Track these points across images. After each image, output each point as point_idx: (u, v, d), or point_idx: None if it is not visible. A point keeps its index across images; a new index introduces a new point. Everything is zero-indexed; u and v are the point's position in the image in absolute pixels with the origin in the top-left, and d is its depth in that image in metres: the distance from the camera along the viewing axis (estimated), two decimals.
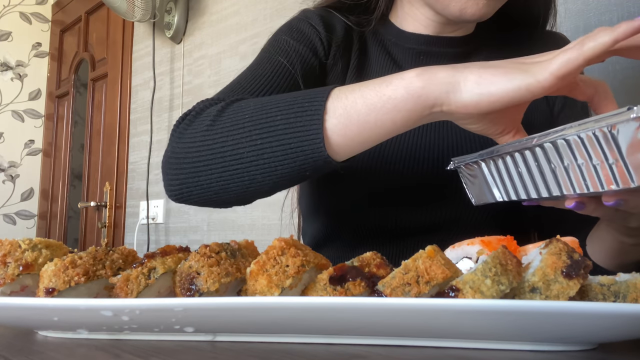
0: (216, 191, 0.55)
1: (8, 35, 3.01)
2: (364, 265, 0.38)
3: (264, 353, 0.35)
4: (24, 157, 3.02)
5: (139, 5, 2.09)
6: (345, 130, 0.48)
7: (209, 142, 0.54)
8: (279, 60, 0.70)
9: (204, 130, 0.55)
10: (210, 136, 0.54)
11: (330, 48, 0.75)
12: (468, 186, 0.52)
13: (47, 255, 0.42)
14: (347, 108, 0.48)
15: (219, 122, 0.55)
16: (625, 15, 1.02)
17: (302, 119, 0.49)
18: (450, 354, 0.35)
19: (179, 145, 0.57)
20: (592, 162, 0.37)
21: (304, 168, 0.50)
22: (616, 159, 0.36)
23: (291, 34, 0.74)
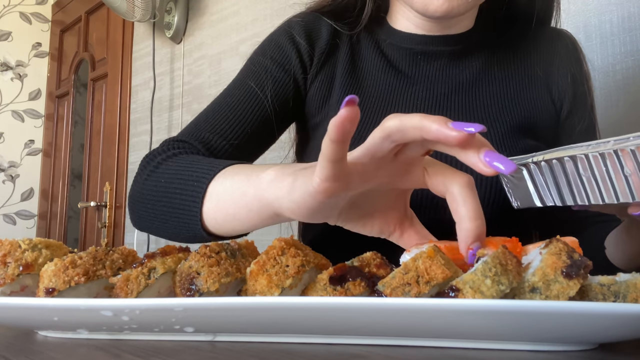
0: (156, 233, 0.64)
1: (8, 35, 3.01)
2: (364, 265, 0.38)
3: (264, 353, 0.35)
4: (24, 157, 3.02)
5: (139, 5, 2.09)
6: (215, 216, 0.53)
7: (144, 193, 0.62)
8: (249, 85, 0.73)
9: (144, 180, 0.63)
10: (144, 189, 0.62)
11: (313, 60, 0.75)
12: (511, 189, 0.50)
13: (47, 255, 0.42)
14: (218, 195, 0.52)
15: (152, 177, 0.62)
16: (625, 16, 1.02)
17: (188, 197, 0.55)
18: (450, 354, 0.35)
19: (133, 185, 0.65)
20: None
21: (194, 238, 0.57)
22: None
23: (270, 52, 0.76)
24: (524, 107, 0.74)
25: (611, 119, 1.00)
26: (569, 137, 0.76)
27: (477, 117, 0.72)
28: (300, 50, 0.75)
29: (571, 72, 0.76)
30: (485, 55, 0.77)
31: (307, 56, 0.75)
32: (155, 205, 0.60)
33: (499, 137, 0.71)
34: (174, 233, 0.59)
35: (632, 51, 1.00)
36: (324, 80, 0.74)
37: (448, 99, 0.73)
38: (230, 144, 0.71)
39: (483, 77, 0.75)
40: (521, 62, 0.77)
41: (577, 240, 0.40)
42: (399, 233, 0.47)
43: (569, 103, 0.75)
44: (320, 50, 0.75)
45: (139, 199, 0.63)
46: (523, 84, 0.75)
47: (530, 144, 0.71)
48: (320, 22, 0.77)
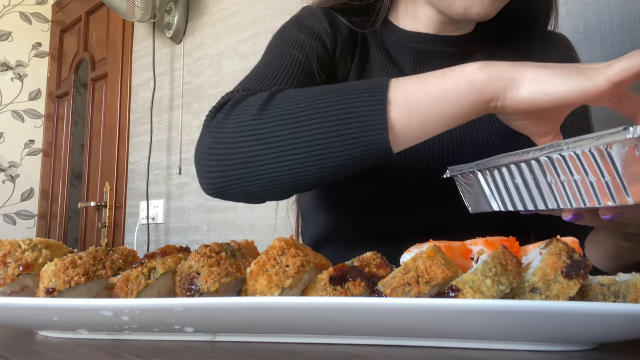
0: (263, 184, 0.52)
1: (8, 35, 3.01)
2: (364, 265, 0.38)
3: (264, 353, 0.35)
4: (24, 157, 3.02)
5: (139, 5, 2.09)
6: (408, 121, 0.48)
7: (258, 131, 0.51)
8: (294, 53, 0.69)
9: (250, 119, 0.52)
10: (260, 125, 0.51)
11: (337, 45, 0.74)
12: (465, 195, 0.52)
13: (47, 255, 0.42)
14: (409, 99, 0.48)
15: (268, 111, 0.52)
16: (625, 16, 1.02)
17: (363, 109, 0.48)
18: (450, 354, 0.35)
19: (220, 136, 0.54)
20: (588, 178, 0.38)
21: (362, 159, 0.49)
22: (612, 176, 0.36)
23: (300, 29, 0.73)
24: None
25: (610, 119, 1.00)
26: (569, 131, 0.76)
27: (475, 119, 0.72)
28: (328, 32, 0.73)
29: None
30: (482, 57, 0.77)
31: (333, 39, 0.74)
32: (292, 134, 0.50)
33: (497, 136, 0.71)
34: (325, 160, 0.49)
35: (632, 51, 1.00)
36: (343, 70, 0.74)
37: None
38: None
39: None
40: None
41: (577, 240, 0.40)
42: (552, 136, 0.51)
43: None
44: (342, 39, 0.74)
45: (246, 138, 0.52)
46: None
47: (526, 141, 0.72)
48: (336, 16, 0.76)
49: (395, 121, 0.48)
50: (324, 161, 0.49)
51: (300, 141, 0.50)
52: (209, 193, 0.56)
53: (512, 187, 0.45)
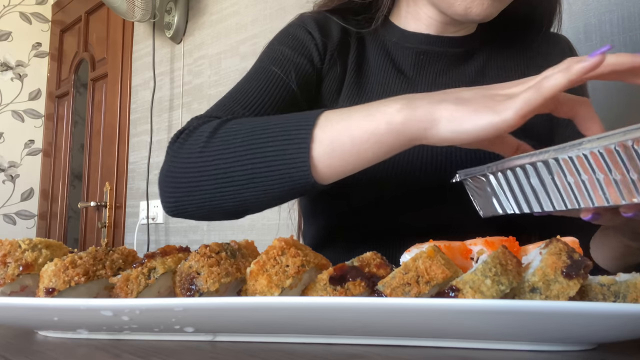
0: (210, 209, 0.58)
1: (8, 35, 3.01)
2: (364, 265, 0.38)
3: (264, 353, 0.35)
4: (24, 157, 3.02)
5: (139, 5, 2.09)
6: (330, 160, 0.51)
7: (202, 163, 0.57)
8: (273, 70, 0.71)
9: (197, 151, 0.58)
10: (204, 158, 0.57)
11: (326, 53, 0.75)
12: (475, 198, 0.52)
13: (47, 255, 0.42)
14: (332, 140, 0.51)
15: (212, 144, 0.57)
16: (625, 16, 1.02)
17: (290, 147, 0.52)
18: (450, 354, 0.35)
19: (174, 164, 0.60)
20: (611, 175, 0.37)
21: (292, 191, 0.53)
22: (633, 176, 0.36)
23: (286, 42, 0.75)
24: None
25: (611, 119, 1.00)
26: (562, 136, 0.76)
27: None
28: (316, 42, 0.74)
29: None
30: (483, 58, 0.77)
31: (322, 47, 0.75)
32: (229, 168, 0.55)
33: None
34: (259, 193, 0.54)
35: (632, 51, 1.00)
36: (335, 77, 0.74)
37: None
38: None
39: (480, 80, 0.76)
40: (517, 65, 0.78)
41: (577, 240, 0.40)
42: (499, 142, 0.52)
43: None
44: (332, 45, 0.75)
45: (193, 168, 0.57)
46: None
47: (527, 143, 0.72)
48: (330, 20, 0.77)
49: (318, 160, 0.51)
50: (259, 193, 0.54)
51: (236, 175, 0.55)
52: (169, 214, 0.62)
53: (528, 188, 0.44)
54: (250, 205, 0.56)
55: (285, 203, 0.59)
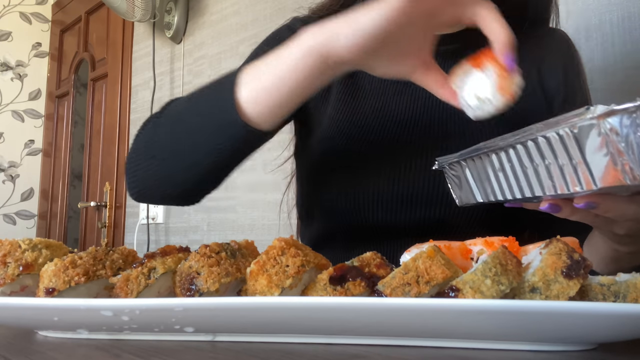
0: (165, 184, 0.60)
1: (8, 35, 3.01)
2: (364, 265, 0.38)
3: (264, 353, 0.35)
4: (24, 157, 3.02)
5: (139, 5, 2.09)
6: (255, 97, 0.52)
7: (153, 137, 0.60)
8: None
9: (149, 129, 0.62)
10: (154, 132, 0.60)
11: None
12: (452, 186, 0.52)
13: (47, 255, 0.42)
14: (254, 77, 0.52)
15: (161, 119, 0.61)
16: (625, 16, 1.02)
17: (217, 95, 0.54)
18: (450, 354, 0.35)
19: (132, 147, 0.63)
20: (558, 162, 0.37)
21: (233, 141, 0.54)
22: (579, 160, 0.35)
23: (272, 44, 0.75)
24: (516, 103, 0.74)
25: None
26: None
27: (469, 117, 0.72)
28: None
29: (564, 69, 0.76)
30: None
31: None
32: (174, 133, 0.58)
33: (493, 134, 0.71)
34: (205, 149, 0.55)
35: (632, 51, 1.00)
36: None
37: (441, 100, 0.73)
38: None
39: None
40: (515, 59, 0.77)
41: (577, 240, 0.40)
42: (424, 69, 0.52)
43: (561, 98, 0.75)
44: None
45: (146, 144, 0.61)
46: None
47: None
48: None
49: (245, 100, 0.52)
50: (205, 151, 0.55)
51: (178, 138, 0.57)
52: (133, 198, 0.65)
53: (492, 176, 0.45)
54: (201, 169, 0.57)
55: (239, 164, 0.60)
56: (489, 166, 0.45)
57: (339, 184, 0.72)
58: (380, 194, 0.70)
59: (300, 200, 0.82)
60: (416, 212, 0.70)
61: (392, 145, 0.70)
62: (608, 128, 0.33)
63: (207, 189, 0.62)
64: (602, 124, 0.33)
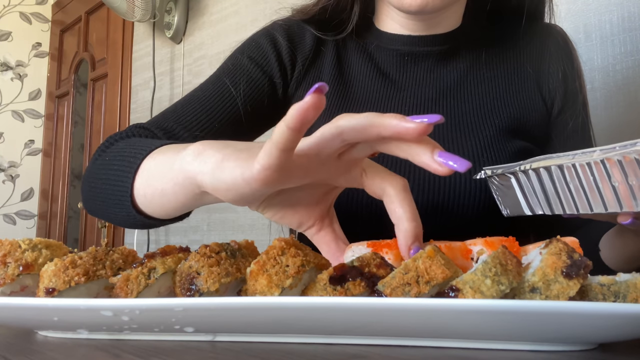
0: (105, 217, 0.61)
1: (8, 35, 3.01)
2: (364, 265, 0.38)
3: (264, 353, 0.35)
4: (24, 157, 3.02)
5: (139, 5, 2.09)
6: (144, 191, 0.50)
7: (90, 174, 0.61)
8: (224, 82, 0.72)
9: (92, 162, 0.62)
10: (92, 169, 0.61)
11: (295, 63, 0.74)
12: (500, 197, 0.50)
13: (47, 255, 0.42)
14: (149, 172, 0.50)
15: (99, 160, 0.61)
16: (625, 16, 1.02)
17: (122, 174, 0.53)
18: (450, 354, 0.35)
19: (87, 168, 0.64)
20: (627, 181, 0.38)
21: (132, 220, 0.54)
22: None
23: (248, 51, 0.75)
24: (514, 107, 0.73)
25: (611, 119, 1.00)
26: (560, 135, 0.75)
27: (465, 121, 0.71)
28: (281, 52, 0.74)
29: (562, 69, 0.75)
30: (473, 54, 0.75)
31: (287, 59, 0.74)
32: (96, 183, 0.58)
33: (487, 139, 0.70)
34: (112, 212, 0.56)
35: (632, 51, 1.00)
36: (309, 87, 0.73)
37: (436, 104, 0.72)
38: (194, 137, 0.69)
39: (471, 78, 0.74)
40: (510, 60, 0.76)
41: (577, 240, 0.40)
42: (316, 229, 0.47)
43: (560, 101, 0.74)
44: (303, 56, 0.75)
45: (86, 178, 0.62)
46: (512, 83, 0.75)
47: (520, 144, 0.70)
48: (303, 29, 0.76)
49: (137, 190, 0.51)
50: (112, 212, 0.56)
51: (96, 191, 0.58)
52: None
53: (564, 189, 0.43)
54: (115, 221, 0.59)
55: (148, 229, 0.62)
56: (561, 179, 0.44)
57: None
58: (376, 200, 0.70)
59: None
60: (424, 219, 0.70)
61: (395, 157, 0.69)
62: None
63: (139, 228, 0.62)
64: None
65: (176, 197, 0.47)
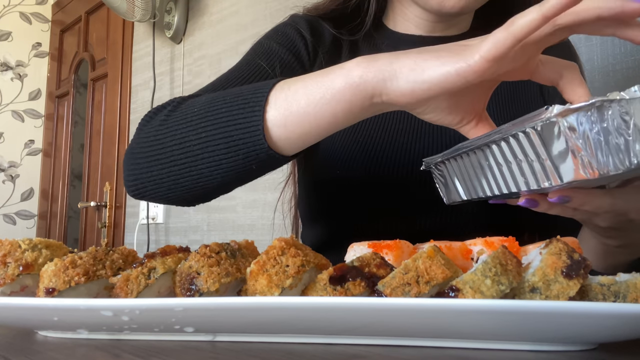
0: (168, 186, 0.55)
1: (8, 35, 3.01)
2: (364, 265, 0.38)
3: (264, 353, 0.35)
4: (24, 157, 3.02)
5: (139, 5, 2.09)
6: (285, 121, 0.47)
7: (160, 137, 0.54)
8: (259, 63, 0.70)
9: (157, 125, 0.56)
10: (162, 131, 0.54)
11: (317, 55, 0.74)
12: (439, 186, 0.53)
13: (47, 255, 0.42)
14: (288, 99, 0.47)
15: (172, 118, 0.55)
16: None
17: (244, 111, 0.49)
18: (450, 354, 0.35)
19: (136, 141, 0.57)
20: (528, 160, 0.38)
21: (248, 161, 0.50)
22: (544, 157, 0.37)
23: (275, 38, 0.74)
24: (516, 108, 0.74)
25: None
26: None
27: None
28: (306, 41, 0.74)
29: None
30: None
31: (311, 48, 0.74)
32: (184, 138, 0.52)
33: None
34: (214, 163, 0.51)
35: (632, 51, 1.00)
36: None
37: None
38: None
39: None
40: None
41: (577, 240, 0.40)
42: (474, 123, 0.48)
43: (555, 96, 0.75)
44: (323, 48, 0.75)
45: (151, 142, 0.55)
46: (515, 85, 0.75)
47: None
48: (321, 25, 0.77)
49: (273, 123, 0.47)
50: (214, 164, 0.51)
51: (191, 145, 0.52)
52: (130, 194, 0.60)
53: (472, 174, 0.45)
54: (207, 181, 0.53)
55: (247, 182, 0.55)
56: (470, 164, 0.45)
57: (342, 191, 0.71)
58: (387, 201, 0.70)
59: (302, 204, 0.82)
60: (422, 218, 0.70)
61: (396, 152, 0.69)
62: (567, 126, 0.34)
63: (211, 197, 0.58)
64: (561, 122, 0.34)
65: (333, 116, 0.46)
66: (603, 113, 0.33)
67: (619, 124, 0.32)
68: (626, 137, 0.32)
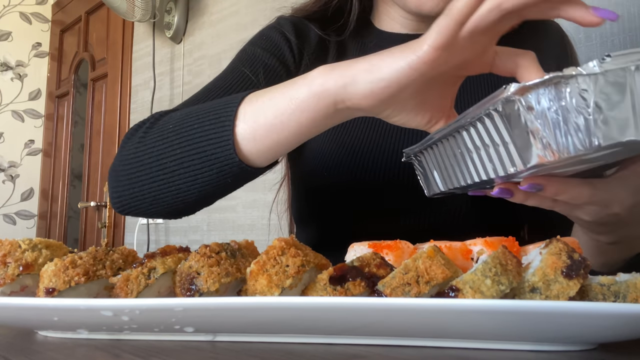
0: (150, 202, 0.56)
1: (8, 35, 3.01)
2: (364, 265, 0.38)
3: (264, 353, 0.35)
4: (24, 157, 3.02)
5: (139, 5, 2.09)
6: (254, 134, 0.48)
7: (139, 154, 0.56)
8: (243, 71, 0.71)
9: (136, 143, 0.57)
10: (140, 149, 0.56)
11: (302, 57, 0.74)
12: (420, 177, 0.51)
13: (47, 255, 0.42)
14: (255, 111, 0.49)
15: (149, 135, 0.56)
16: (625, 15, 1.02)
17: (215, 126, 0.50)
18: (450, 354, 0.35)
19: (118, 158, 0.59)
20: (494, 144, 0.36)
21: (222, 175, 0.51)
22: (508, 139, 0.35)
23: (259, 43, 0.75)
24: None
25: None
26: None
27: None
28: (291, 43, 0.74)
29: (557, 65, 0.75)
30: None
31: (296, 50, 0.74)
32: (161, 155, 0.54)
33: None
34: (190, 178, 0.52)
35: None
36: None
37: None
38: None
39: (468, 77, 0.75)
40: None
41: (577, 241, 0.40)
42: (444, 122, 0.48)
43: None
44: (309, 50, 0.75)
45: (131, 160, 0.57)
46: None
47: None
48: (307, 26, 0.77)
49: (242, 135, 0.49)
50: (190, 180, 0.52)
51: (167, 162, 0.53)
52: (116, 210, 0.60)
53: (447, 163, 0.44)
54: (185, 196, 0.54)
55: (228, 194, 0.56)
56: (445, 153, 0.44)
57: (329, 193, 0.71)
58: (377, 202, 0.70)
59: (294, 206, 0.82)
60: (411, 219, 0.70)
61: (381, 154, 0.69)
62: (525, 105, 0.32)
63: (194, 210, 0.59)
64: (519, 101, 0.32)
65: (299, 126, 0.47)
66: (561, 90, 0.31)
67: (578, 102, 0.30)
68: (586, 115, 0.30)
